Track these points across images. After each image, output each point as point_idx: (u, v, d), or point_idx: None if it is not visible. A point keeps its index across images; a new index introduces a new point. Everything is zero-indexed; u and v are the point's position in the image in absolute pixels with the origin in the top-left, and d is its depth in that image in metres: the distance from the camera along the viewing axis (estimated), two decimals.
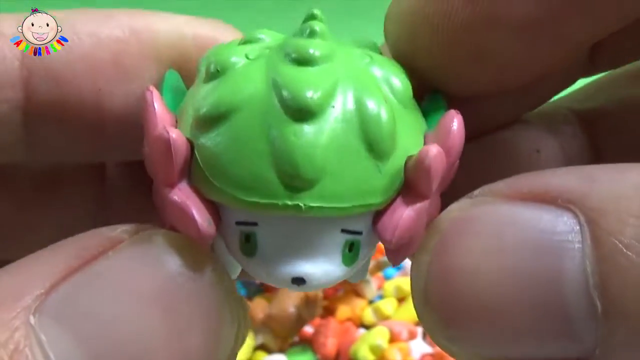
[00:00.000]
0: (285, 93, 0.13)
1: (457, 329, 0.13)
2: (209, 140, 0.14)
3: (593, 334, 0.12)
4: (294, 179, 0.13)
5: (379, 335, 0.48)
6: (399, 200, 0.14)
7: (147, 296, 0.13)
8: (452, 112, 0.15)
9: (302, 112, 0.13)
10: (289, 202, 0.13)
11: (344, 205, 0.13)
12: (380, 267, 0.54)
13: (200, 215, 0.14)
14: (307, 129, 0.13)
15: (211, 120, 0.14)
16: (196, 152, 0.14)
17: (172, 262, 0.13)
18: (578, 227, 0.12)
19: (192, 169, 0.14)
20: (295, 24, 0.16)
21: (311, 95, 0.13)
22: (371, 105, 0.14)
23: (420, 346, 0.49)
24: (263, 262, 0.14)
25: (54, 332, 0.12)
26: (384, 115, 0.14)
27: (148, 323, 0.13)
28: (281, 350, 0.50)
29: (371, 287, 0.53)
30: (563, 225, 0.12)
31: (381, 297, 0.54)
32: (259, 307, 0.49)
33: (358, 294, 0.53)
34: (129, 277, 0.13)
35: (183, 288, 0.13)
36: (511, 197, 0.13)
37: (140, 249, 0.14)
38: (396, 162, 0.14)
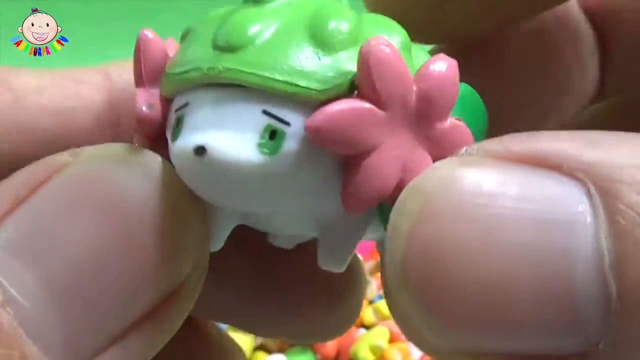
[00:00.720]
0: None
1: (442, 315, 0.11)
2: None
3: (600, 324, 0.10)
4: (222, 45, 0.13)
5: (379, 335, 0.48)
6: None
7: (94, 210, 0.13)
8: (440, 55, 0.13)
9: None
10: (210, 65, 0.13)
11: (265, 74, 0.12)
12: (380, 267, 0.54)
13: (142, 99, 0.13)
14: (252, 10, 0.13)
15: (182, 38, 0.14)
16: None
17: (118, 174, 0.13)
18: (587, 199, 0.10)
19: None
20: None
21: None
22: (330, 12, 0.13)
23: None
24: (179, 141, 0.13)
25: (5, 261, 0.12)
26: (339, 20, 0.13)
27: (98, 236, 0.13)
28: (281, 350, 0.50)
29: (371, 287, 0.53)
30: (570, 195, 0.11)
31: (381, 297, 0.54)
32: None
33: None
34: (75, 194, 0.13)
35: (133, 198, 0.13)
36: (506, 158, 0.11)
37: (85, 166, 0.13)
38: (349, 63, 0.12)
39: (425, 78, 0.12)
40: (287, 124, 0.12)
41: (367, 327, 0.52)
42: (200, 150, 0.12)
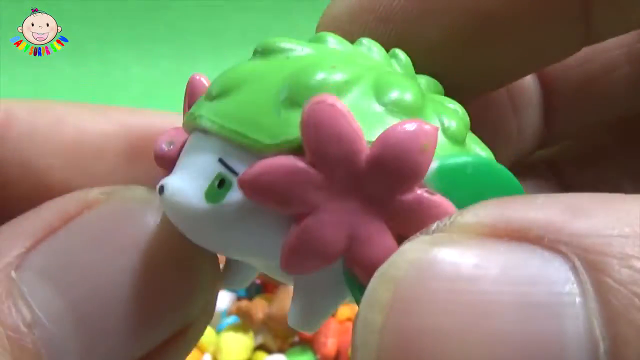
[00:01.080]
0: None
1: None
2: None
3: None
4: (209, 94, 0.13)
5: None
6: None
7: (121, 246, 0.14)
8: (409, 120, 0.12)
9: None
10: (195, 110, 0.13)
11: (223, 123, 0.12)
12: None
13: (165, 137, 0.14)
14: (249, 64, 0.13)
15: None
16: None
17: (145, 215, 0.14)
18: (573, 276, 0.09)
19: None
20: (296, 24, 0.16)
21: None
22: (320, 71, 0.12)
23: None
24: None
25: (34, 284, 0.13)
26: (331, 76, 0.12)
27: (122, 271, 0.14)
28: (281, 350, 0.50)
29: None
30: (556, 273, 0.10)
31: None
32: (259, 307, 0.49)
33: None
34: (105, 230, 0.14)
35: (154, 239, 0.14)
36: (482, 234, 0.10)
37: (116, 205, 0.14)
38: None
39: (378, 143, 0.11)
40: (236, 174, 0.12)
41: None
42: (161, 190, 0.13)
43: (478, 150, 0.14)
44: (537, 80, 0.21)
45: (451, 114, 0.13)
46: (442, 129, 0.13)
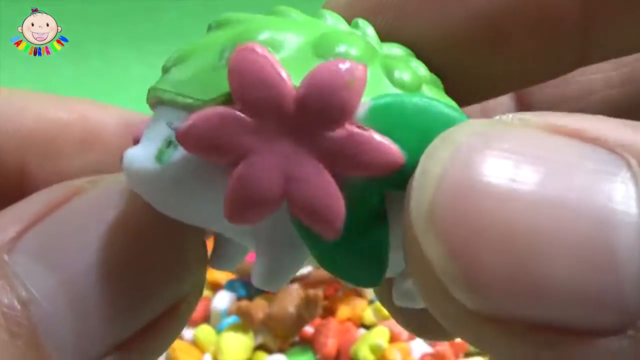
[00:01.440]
0: None
1: (469, 266, 0.10)
2: None
3: None
4: (163, 69, 0.14)
5: (379, 335, 0.48)
6: None
7: (109, 227, 0.14)
8: (334, 60, 0.12)
9: None
10: (151, 85, 0.14)
11: (170, 89, 0.13)
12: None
13: (143, 123, 0.14)
14: (201, 39, 0.14)
15: None
16: None
17: (131, 199, 0.15)
18: (626, 170, 0.10)
19: None
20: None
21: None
22: None
23: (420, 346, 0.49)
24: None
25: (27, 265, 0.14)
26: (272, 35, 0.12)
27: (111, 250, 0.14)
28: (281, 350, 0.50)
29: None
30: (610, 162, 0.10)
31: None
32: (259, 307, 0.49)
33: (358, 294, 0.53)
34: (93, 214, 0.15)
35: (140, 219, 0.15)
36: (545, 129, 0.11)
37: (102, 191, 0.15)
38: None
39: (303, 83, 0.12)
40: None
41: (367, 327, 0.52)
42: (121, 161, 0.13)
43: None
44: (513, 96, 0.21)
45: (406, 69, 0.13)
46: (388, 77, 0.13)
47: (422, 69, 0.14)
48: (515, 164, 0.10)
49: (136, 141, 0.14)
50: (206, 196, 0.13)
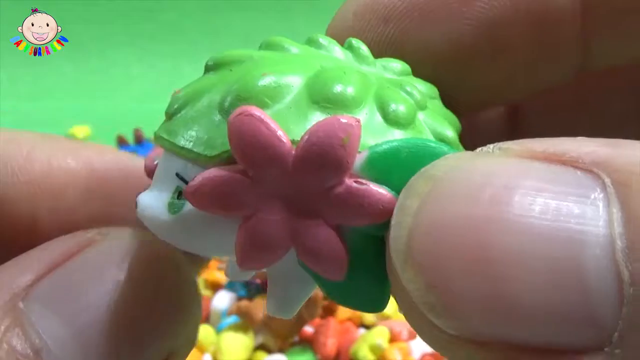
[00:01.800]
0: None
1: (446, 294, 0.11)
2: None
3: (614, 313, 0.10)
4: (166, 114, 0.15)
5: (379, 335, 0.48)
6: None
7: (117, 279, 0.15)
8: (329, 118, 0.12)
9: None
10: (155, 131, 0.15)
11: (174, 141, 0.14)
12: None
13: (153, 153, 0.16)
14: (197, 81, 0.15)
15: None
16: None
17: (137, 253, 0.16)
18: (600, 190, 0.10)
19: None
20: (295, 24, 0.16)
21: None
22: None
23: (420, 346, 0.49)
24: None
25: (41, 313, 0.14)
26: (261, 83, 0.13)
27: (118, 301, 0.15)
28: (281, 350, 0.50)
29: None
30: (585, 184, 0.11)
31: None
32: (259, 307, 0.49)
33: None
34: (102, 266, 0.16)
35: (144, 273, 0.16)
36: (523, 156, 0.11)
37: (111, 244, 0.16)
38: None
39: (300, 144, 0.12)
40: None
41: (367, 327, 0.52)
42: (135, 205, 0.14)
43: (438, 129, 0.14)
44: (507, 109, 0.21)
45: (401, 100, 0.14)
46: (382, 114, 0.13)
47: (418, 86, 0.15)
48: (490, 193, 0.11)
49: (148, 172, 0.15)
50: (216, 241, 0.14)
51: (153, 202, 0.14)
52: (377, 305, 0.14)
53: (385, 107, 0.13)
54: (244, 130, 0.12)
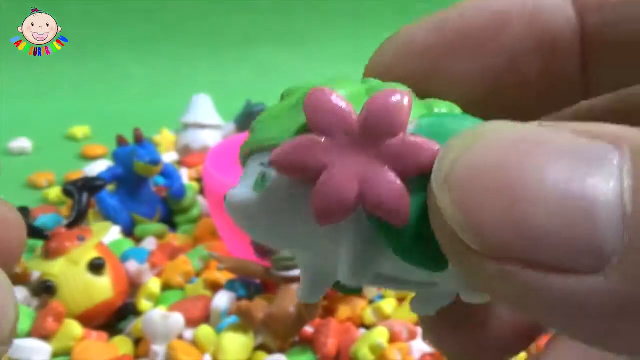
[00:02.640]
0: None
1: (469, 209, 0.13)
2: None
3: (615, 237, 0.11)
4: (250, 133, 0.17)
5: (379, 335, 0.48)
6: None
7: None
8: (388, 89, 0.15)
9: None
10: (241, 145, 0.17)
11: (256, 138, 0.17)
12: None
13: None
14: (274, 106, 0.17)
15: None
16: None
17: None
18: (619, 155, 0.12)
19: None
20: (295, 25, 0.16)
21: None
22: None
23: (420, 346, 0.49)
24: None
25: None
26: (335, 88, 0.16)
27: None
28: (281, 350, 0.50)
29: (372, 287, 0.53)
30: (606, 148, 0.12)
31: (381, 297, 0.54)
32: (259, 307, 0.49)
33: (358, 294, 0.53)
34: None
35: None
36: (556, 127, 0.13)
37: None
38: None
39: (364, 109, 0.15)
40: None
41: (367, 327, 0.52)
42: (225, 197, 0.17)
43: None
44: None
45: (444, 105, 0.17)
46: (427, 111, 0.16)
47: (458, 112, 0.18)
48: (524, 146, 0.12)
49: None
50: (296, 213, 0.16)
51: (239, 189, 0.16)
52: (438, 262, 0.15)
53: (430, 109, 0.17)
54: (316, 99, 0.15)
